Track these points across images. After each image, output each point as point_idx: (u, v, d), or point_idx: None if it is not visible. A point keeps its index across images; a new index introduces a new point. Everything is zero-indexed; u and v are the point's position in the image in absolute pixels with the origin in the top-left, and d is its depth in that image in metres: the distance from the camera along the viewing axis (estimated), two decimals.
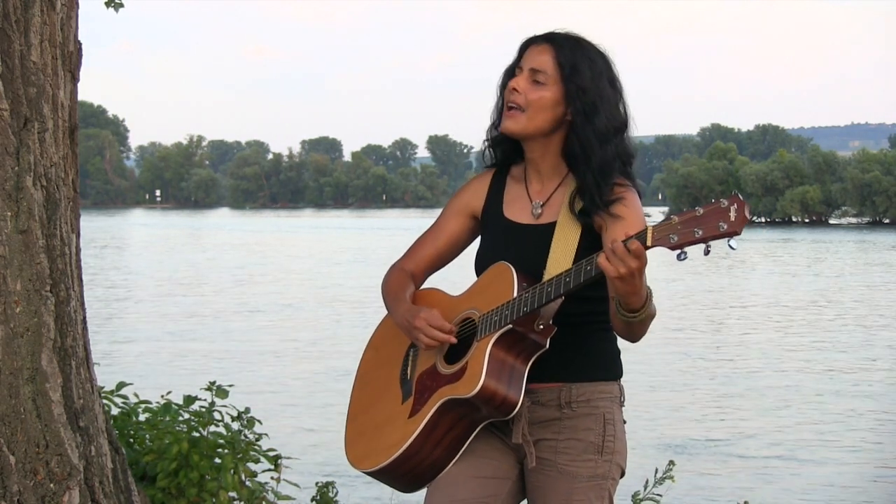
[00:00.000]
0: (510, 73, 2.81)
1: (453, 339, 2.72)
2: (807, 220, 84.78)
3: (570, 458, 2.74)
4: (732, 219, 2.30)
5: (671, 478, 4.45)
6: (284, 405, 12.34)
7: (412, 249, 2.99)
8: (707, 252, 2.35)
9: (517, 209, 2.84)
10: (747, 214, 2.30)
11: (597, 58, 2.75)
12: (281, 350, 17.01)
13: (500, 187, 2.90)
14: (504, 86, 2.81)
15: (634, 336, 2.60)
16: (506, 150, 2.90)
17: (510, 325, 2.64)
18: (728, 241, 2.33)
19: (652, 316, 2.54)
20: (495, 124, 2.87)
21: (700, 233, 2.33)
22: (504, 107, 2.79)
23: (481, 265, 2.84)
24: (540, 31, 2.80)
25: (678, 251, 2.36)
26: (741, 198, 2.31)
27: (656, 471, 4.49)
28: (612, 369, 2.82)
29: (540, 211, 2.81)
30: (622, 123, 2.77)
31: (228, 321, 20.79)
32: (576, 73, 2.71)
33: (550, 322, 2.68)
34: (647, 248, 2.40)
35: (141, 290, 27.20)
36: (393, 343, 2.95)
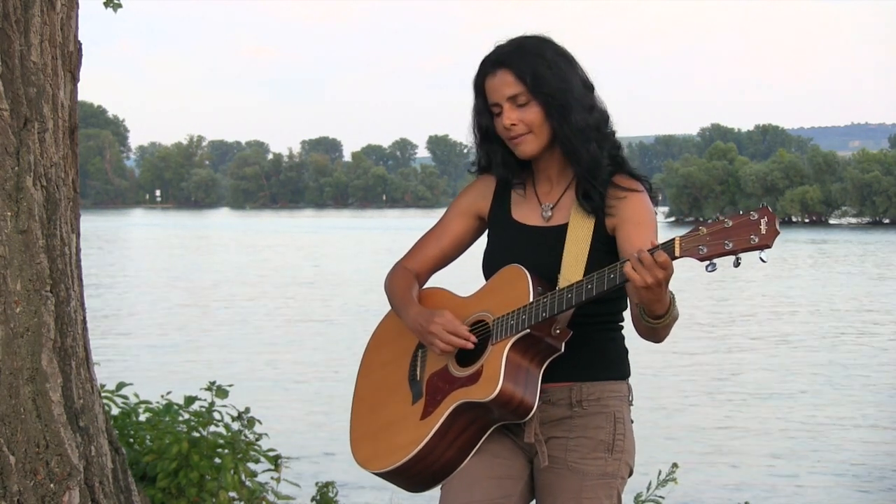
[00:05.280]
0: (483, 113, 2.79)
1: (470, 345, 2.72)
2: (807, 220, 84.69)
3: (581, 455, 2.74)
4: (763, 231, 2.31)
5: (674, 480, 4.44)
6: (285, 405, 12.33)
7: (415, 249, 2.98)
8: (737, 264, 2.35)
9: (526, 211, 2.84)
10: (778, 227, 2.31)
11: (546, 51, 2.72)
12: (281, 350, 17.00)
13: (506, 189, 2.89)
14: (481, 126, 2.80)
15: (658, 338, 2.61)
16: (510, 169, 2.88)
17: (527, 330, 2.63)
18: (759, 253, 2.33)
19: (675, 318, 2.55)
20: (481, 162, 2.88)
21: (731, 245, 2.33)
22: (508, 141, 2.78)
23: (490, 267, 2.83)
24: (488, 59, 2.76)
25: (707, 262, 2.36)
26: (771, 210, 2.32)
27: (659, 472, 4.48)
28: (621, 369, 2.83)
29: (550, 213, 2.81)
30: (591, 106, 2.73)
31: (229, 321, 20.79)
32: (539, 81, 2.69)
33: (566, 326, 2.68)
34: (674, 258, 2.40)
35: (140, 290, 27.20)
36: (398, 342, 2.94)
